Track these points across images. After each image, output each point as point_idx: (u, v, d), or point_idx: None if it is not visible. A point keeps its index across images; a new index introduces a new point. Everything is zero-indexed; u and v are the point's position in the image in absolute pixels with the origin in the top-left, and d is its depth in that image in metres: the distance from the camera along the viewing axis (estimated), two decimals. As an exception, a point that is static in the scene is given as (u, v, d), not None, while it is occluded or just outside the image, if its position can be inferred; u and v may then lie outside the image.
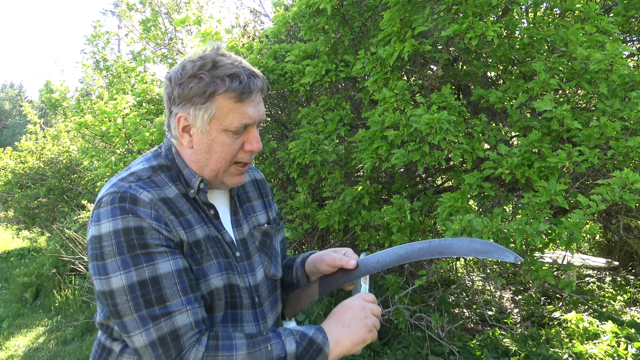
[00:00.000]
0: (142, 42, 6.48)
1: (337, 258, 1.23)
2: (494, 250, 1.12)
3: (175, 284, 0.99)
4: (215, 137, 1.08)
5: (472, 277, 4.54)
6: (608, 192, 2.08)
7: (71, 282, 5.77)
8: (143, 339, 0.96)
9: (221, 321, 1.10)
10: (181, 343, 0.96)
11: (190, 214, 1.09)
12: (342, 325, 1.07)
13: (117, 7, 11.28)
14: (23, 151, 8.54)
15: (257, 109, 1.09)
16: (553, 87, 2.44)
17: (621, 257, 5.52)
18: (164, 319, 0.96)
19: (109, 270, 0.97)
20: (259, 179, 1.36)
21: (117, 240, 0.97)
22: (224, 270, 1.10)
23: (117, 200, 1.00)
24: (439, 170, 3.75)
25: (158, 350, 0.96)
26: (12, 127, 28.07)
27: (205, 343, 0.98)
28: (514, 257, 1.09)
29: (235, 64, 1.06)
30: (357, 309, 1.09)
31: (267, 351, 1.00)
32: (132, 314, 0.96)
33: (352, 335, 1.06)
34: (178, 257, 1.02)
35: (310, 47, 3.52)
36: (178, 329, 0.97)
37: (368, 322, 1.08)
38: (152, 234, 0.99)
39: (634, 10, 2.89)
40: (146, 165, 1.11)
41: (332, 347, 1.04)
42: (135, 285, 0.96)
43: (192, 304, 0.99)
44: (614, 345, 3.22)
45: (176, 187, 1.10)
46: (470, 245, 1.15)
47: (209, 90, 1.04)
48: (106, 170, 4.14)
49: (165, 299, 0.97)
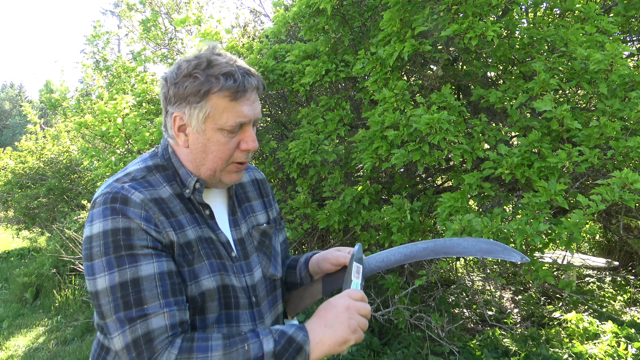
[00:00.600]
0: (142, 42, 6.48)
1: (341, 256, 1.23)
2: (500, 250, 1.13)
3: (156, 287, 0.98)
4: (211, 136, 1.07)
5: (472, 277, 4.54)
6: (608, 192, 2.08)
7: (71, 282, 5.77)
8: (120, 341, 0.95)
9: (215, 322, 1.08)
10: (153, 346, 0.95)
11: (183, 215, 1.08)
12: (325, 325, 1.03)
13: (117, 7, 11.29)
14: (23, 151, 8.53)
15: (253, 107, 1.09)
16: (553, 87, 2.44)
17: (621, 257, 5.52)
18: (140, 321, 0.95)
19: (95, 271, 0.98)
20: (259, 178, 1.36)
21: (105, 240, 0.97)
22: (216, 271, 1.09)
23: (109, 200, 1.00)
24: (439, 170, 3.75)
25: (132, 353, 0.95)
26: (12, 127, 28.06)
27: (178, 345, 0.96)
28: (520, 257, 1.10)
29: (230, 62, 1.06)
30: (341, 308, 1.05)
31: (244, 351, 0.97)
32: (111, 316, 0.96)
33: (334, 336, 1.02)
34: (163, 259, 1.01)
35: (310, 47, 3.52)
36: (152, 331, 0.95)
37: (352, 322, 1.03)
38: (140, 235, 0.99)
39: (634, 10, 2.89)
40: (142, 165, 1.12)
41: (313, 346, 1.01)
42: (116, 287, 0.96)
43: (170, 306, 0.98)
44: (614, 345, 3.22)
45: (171, 187, 1.10)
46: (476, 245, 1.15)
47: (203, 89, 1.04)
48: (106, 170, 4.14)
49: (143, 301, 0.96)
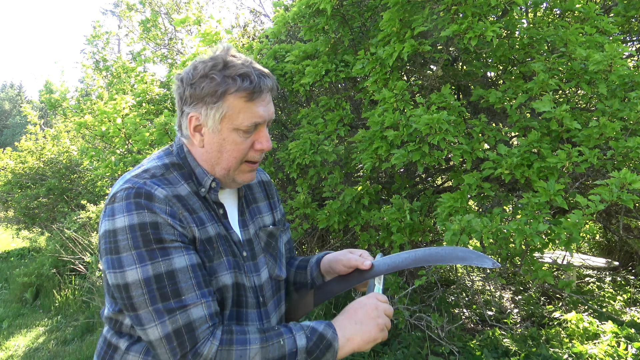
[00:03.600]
0: (142, 42, 6.49)
1: (353, 259, 1.26)
2: (474, 258, 1.18)
3: (190, 278, 1.01)
4: (227, 136, 1.10)
5: (472, 277, 4.54)
6: (606, 192, 2.08)
7: (71, 282, 5.77)
8: (158, 332, 0.98)
9: (227, 318, 1.12)
10: (196, 335, 0.98)
11: (202, 212, 1.11)
12: (355, 322, 1.08)
13: (117, 7, 11.29)
14: (23, 151, 8.54)
15: (267, 108, 1.12)
16: (552, 88, 2.45)
17: (621, 257, 5.52)
18: (180, 311, 0.98)
19: (124, 264, 0.99)
20: (265, 180, 1.38)
21: (133, 234, 0.99)
22: (232, 269, 1.12)
23: (133, 195, 1.02)
24: (439, 171, 3.75)
25: (173, 342, 0.98)
26: (12, 127, 28.08)
27: (219, 336, 1.00)
28: (491, 263, 1.14)
29: (246, 64, 1.08)
30: (371, 307, 1.10)
31: (279, 345, 1.02)
32: (147, 307, 0.98)
33: (364, 333, 1.07)
34: (192, 252, 1.04)
35: (310, 47, 3.52)
36: (193, 321, 0.98)
37: (380, 321, 1.09)
38: (167, 230, 1.01)
39: (634, 10, 2.90)
40: (159, 162, 1.14)
41: (343, 343, 1.06)
42: (151, 279, 0.98)
43: (206, 297, 1.01)
44: (614, 345, 3.22)
45: (188, 185, 1.12)
46: (453, 252, 1.20)
47: (220, 89, 1.06)
48: (106, 171, 4.14)
49: (180, 292, 0.99)
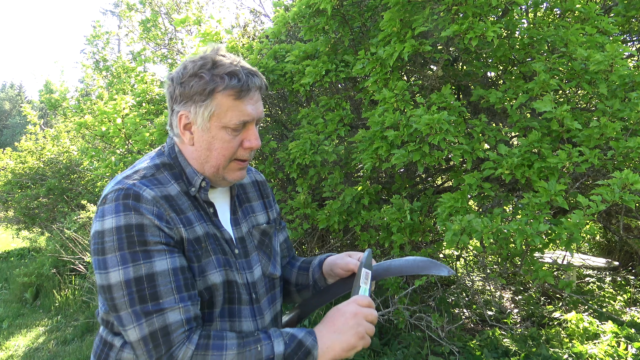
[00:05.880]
0: (142, 42, 6.48)
1: (350, 262, 1.27)
2: (431, 266, 1.22)
3: (170, 282, 1.02)
4: (215, 134, 1.11)
5: (472, 277, 4.53)
6: (608, 192, 2.08)
7: (71, 282, 5.77)
8: (136, 333, 0.99)
9: (219, 316, 1.12)
10: (171, 339, 0.99)
11: (191, 212, 1.12)
12: (334, 331, 1.08)
13: (117, 7, 11.29)
14: (23, 151, 8.53)
15: (256, 107, 1.13)
16: (553, 88, 2.45)
17: (621, 257, 5.52)
18: (156, 315, 0.99)
19: (108, 265, 1.01)
20: (259, 180, 1.40)
21: (119, 236, 1.01)
22: (222, 267, 1.13)
23: (121, 197, 1.03)
24: (439, 171, 3.75)
25: (149, 345, 0.99)
26: (12, 127, 28.07)
27: (195, 341, 1.00)
28: (447, 271, 1.20)
29: (234, 63, 1.11)
30: (350, 315, 1.09)
31: (256, 352, 1.02)
32: (127, 309, 1.00)
33: (343, 342, 1.06)
34: (176, 255, 1.05)
35: (310, 48, 3.52)
36: (169, 325, 0.99)
37: (360, 329, 1.08)
38: (153, 231, 1.02)
39: (634, 10, 2.89)
40: (150, 163, 1.15)
41: (322, 352, 1.05)
42: (131, 281, 0.99)
43: (184, 301, 1.02)
44: (614, 345, 3.22)
45: (178, 184, 1.14)
46: (414, 263, 1.25)
47: (208, 88, 1.08)
48: (106, 171, 4.14)
49: (159, 295, 1.00)
